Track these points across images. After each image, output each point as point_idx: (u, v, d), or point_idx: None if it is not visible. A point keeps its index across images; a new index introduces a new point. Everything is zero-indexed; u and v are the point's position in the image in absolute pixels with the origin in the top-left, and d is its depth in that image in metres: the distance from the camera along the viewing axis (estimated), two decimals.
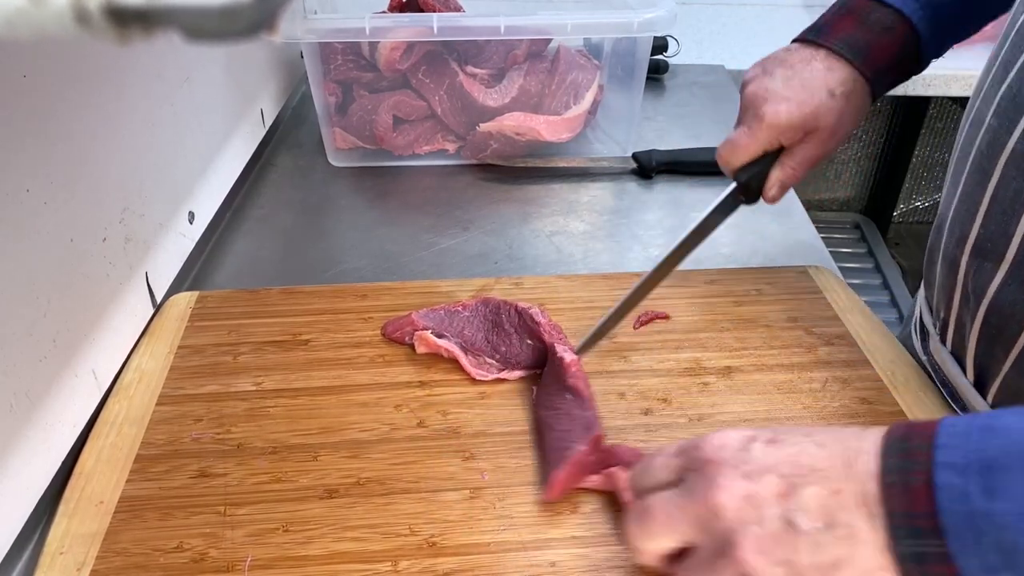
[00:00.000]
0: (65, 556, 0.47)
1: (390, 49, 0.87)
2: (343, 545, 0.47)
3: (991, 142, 0.50)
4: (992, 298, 0.51)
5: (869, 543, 0.34)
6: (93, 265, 0.58)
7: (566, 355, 0.57)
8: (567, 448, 0.50)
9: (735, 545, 0.36)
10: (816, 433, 0.39)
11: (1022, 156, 0.47)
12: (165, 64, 0.70)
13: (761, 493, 0.36)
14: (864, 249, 1.75)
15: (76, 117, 0.55)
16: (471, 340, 0.62)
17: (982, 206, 0.51)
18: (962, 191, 0.54)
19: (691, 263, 0.77)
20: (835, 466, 0.36)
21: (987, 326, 0.52)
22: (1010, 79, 0.49)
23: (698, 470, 0.38)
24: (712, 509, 0.37)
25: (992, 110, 0.51)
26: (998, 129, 0.49)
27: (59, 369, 0.53)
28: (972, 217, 0.52)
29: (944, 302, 0.58)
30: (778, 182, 0.61)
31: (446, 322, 0.63)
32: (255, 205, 0.88)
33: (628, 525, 0.40)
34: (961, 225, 0.54)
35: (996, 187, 0.49)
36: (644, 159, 0.93)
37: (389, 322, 0.64)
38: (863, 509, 0.34)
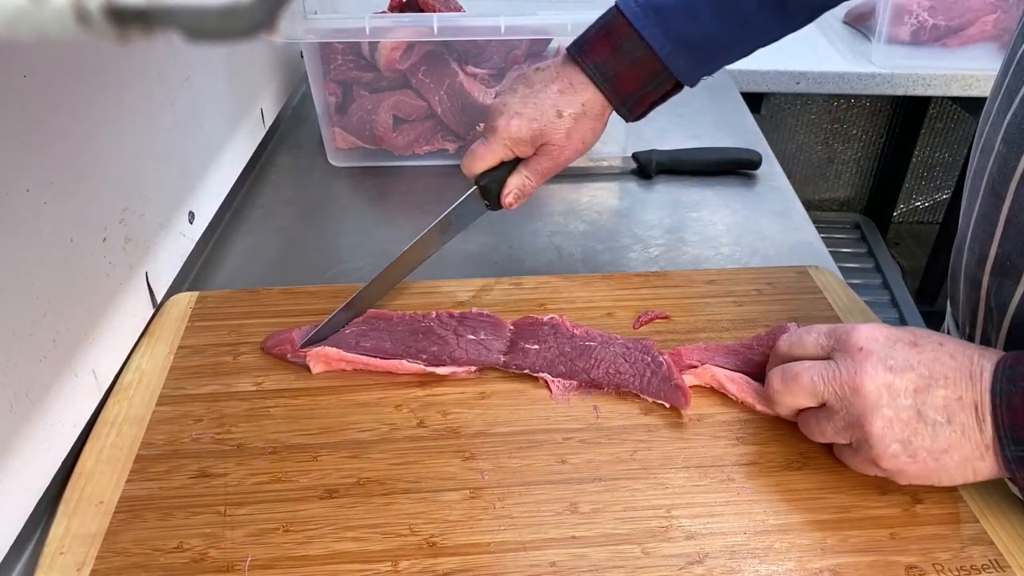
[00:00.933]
0: (65, 556, 0.47)
1: (390, 49, 0.87)
2: (343, 545, 0.47)
3: (1001, 167, 0.53)
4: (1014, 314, 0.54)
5: (976, 440, 0.44)
6: (93, 265, 0.58)
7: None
8: (659, 365, 0.58)
9: (867, 420, 0.46)
10: (947, 343, 0.47)
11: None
12: (165, 64, 0.70)
13: (899, 385, 0.45)
14: (864, 249, 1.75)
15: (76, 117, 0.55)
16: (375, 349, 0.60)
17: (998, 227, 0.54)
18: (978, 213, 0.57)
19: (691, 263, 0.77)
20: (962, 376, 0.45)
21: (1011, 341, 0.55)
22: (1015, 107, 0.52)
23: (848, 352, 0.47)
24: (855, 387, 0.46)
25: (1000, 136, 0.54)
26: (1007, 154, 0.52)
27: (59, 369, 0.53)
28: (990, 237, 0.55)
29: (969, 318, 0.61)
30: (515, 188, 0.66)
31: (334, 339, 0.61)
32: (255, 205, 0.88)
33: (773, 381, 0.51)
34: (980, 245, 0.57)
35: (1010, 209, 0.53)
36: (644, 159, 0.93)
37: (270, 336, 0.63)
38: (977, 414, 0.44)
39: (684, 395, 0.56)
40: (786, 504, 0.50)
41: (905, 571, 0.46)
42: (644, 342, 0.60)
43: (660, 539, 0.47)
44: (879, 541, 0.47)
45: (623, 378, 0.58)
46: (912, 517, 0.49)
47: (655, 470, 0.52)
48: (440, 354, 0.60)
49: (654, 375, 0.57)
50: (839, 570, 0.46)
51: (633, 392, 0.57)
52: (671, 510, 0.49)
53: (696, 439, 0.54)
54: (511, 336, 0.62)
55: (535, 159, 0.65)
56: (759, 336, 0.60)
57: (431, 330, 0.62)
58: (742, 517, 0.49)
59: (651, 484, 0.51)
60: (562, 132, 0.64)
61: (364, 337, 0.62)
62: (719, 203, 0.88)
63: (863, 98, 1.70)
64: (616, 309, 0.67)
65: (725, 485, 0.51)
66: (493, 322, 0.63)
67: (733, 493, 0.50)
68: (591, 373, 0.58)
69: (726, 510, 0.49)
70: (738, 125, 1.07)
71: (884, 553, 0.47)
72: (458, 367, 0.59)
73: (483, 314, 0.63)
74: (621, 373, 0.58)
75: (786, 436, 0.55)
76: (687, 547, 0.47)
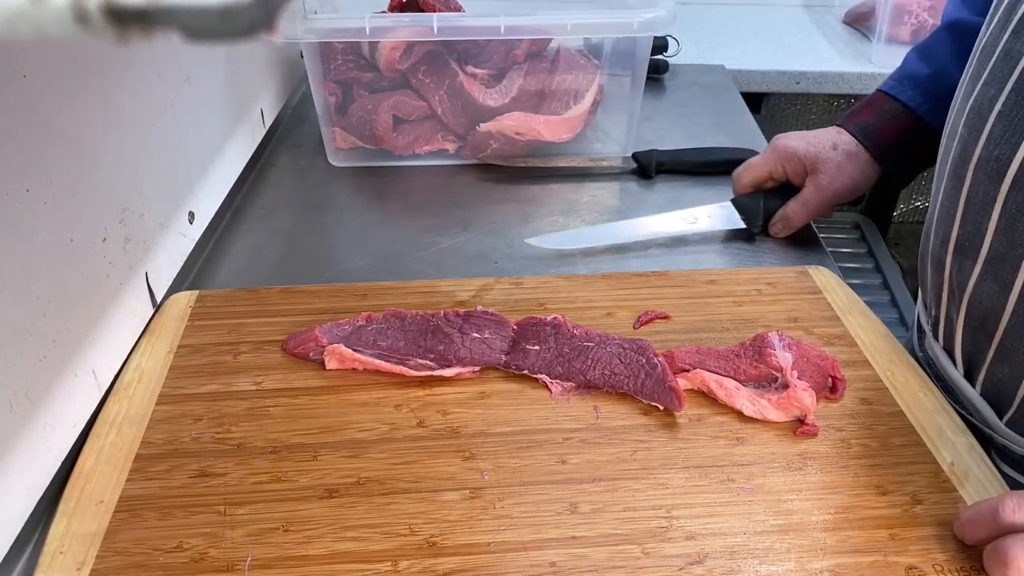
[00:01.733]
0: (65, 556, 0.47)
1: (390, 49, 0.87)
2: (343, 545, 0.47)
3: (962, 151, 0.56)
4: (971, 292, 0.57)
5: None
6: (93, 265, 0.58)
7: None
8: (653, 367, 0.58)
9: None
10: None
11: (987, 162, 0.53)
12: (165, 64, 0.70)
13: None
14: (864, 249, 1.75)
15: (76, 117, 0.55)
16: (391, 348, 0.61)
17: (959, 209, 0.56)
18: (943, 196, 0.59)
19: (691, 263, 0.77)
20: None
21: (970, 319, 0.58)
22: (976, 93, 0.55)
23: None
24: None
25: (962, 121, 0.56)
26: (967, 139, 0.55)
27: (59, 369, 0.53)
28: (952, 219, 0.57)
29: (935, 299, 0.63)
30: (782, 218, 0.78)
31: (354, 336, 0.62)
32: (255, 205, 0.88)
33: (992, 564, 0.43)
34: (944, 227, 0.59)
35: (968, 191, 0.55)
36: (644, 159, 0.93)
37: (291, 336, 0.63)
38: None
39: (678, 397, 0.56)
40: (786, 504, 0.50)
41: (905, 571, 0.46)
42: (640, 343, 0.60)
43: (660, 539, 0.47)
44: (879, 541, 0.47)
45: (618, 379, 0.58)
46: (912, 517, 0.49)
47: (655, 470, 0.52)
48: (446, 353, 0.60)
49: (648, 376, 0.57)
50: (839, 570, 0.46)
51: (628, 393, 0.57)
52: (671, 510, 0.49)
53: (696, 439, 0.54)
54: (513, 336, 0.62)
55: (804, 192, 0.75)
56: (744, 343, 0.61)
57: (439, 328, 0.62)
58: (742, 517, 0.49)
59: (651, 484, 0.51)
60: (834, 164, 0.74)
61: (381, 335, 0.62)
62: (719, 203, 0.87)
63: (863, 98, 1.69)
64: (616, 309, 0.67)
65: (725, 485, 0.51)
66: (497, 321, 0.63)
67: (733, 493, 0.50)
68: (587, 374, 0.58)
69: (726, 510, 0.49)
70: (738, 125, 1.07)
71: (884, 553, 0.47)
72: (463, 367, 0.59)
73: (488, 312, 0.63)
74: (616, 374, 0.58)
75: (786, 437, 0.55)
76: (687, 547, 0.47)
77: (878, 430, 0.55)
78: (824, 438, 0.55)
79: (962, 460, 0.53)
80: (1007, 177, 0.51)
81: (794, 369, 0.57)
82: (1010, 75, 0.51)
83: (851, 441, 0.54)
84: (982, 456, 0.53)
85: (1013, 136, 0.50)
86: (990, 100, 0.52)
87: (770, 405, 0.56)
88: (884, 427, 0.55)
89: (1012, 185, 0.51)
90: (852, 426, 0.55)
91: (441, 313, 0.64)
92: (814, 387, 0.56)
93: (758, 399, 0.56)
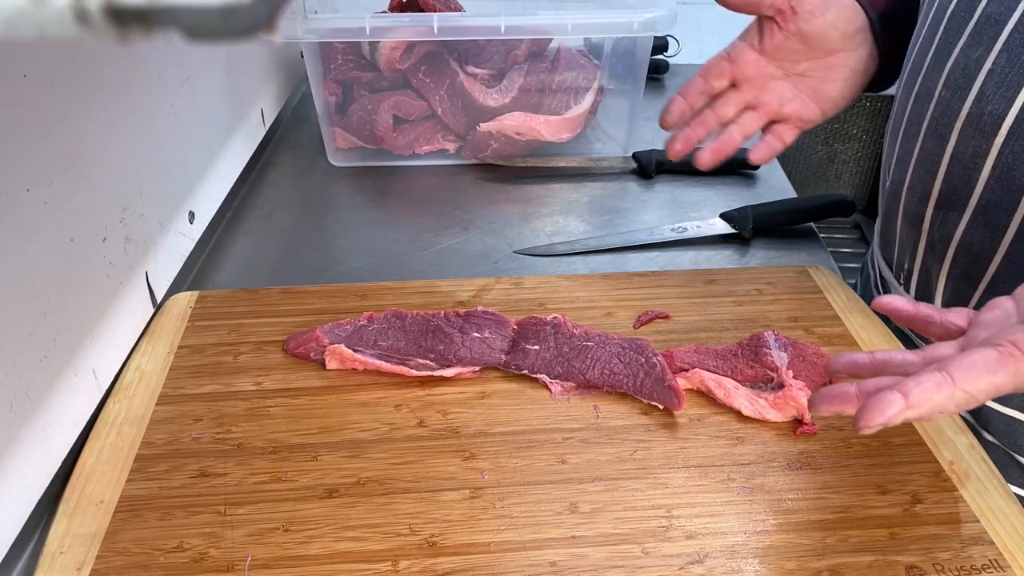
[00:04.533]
0: (65, 556, 0.47)
1: (390, 49, 0.87)
2: (343, 545, 0.47)
3: (945, 110, 0.58)
4: (959, 241, 0.59)
5: None
6: (93, 265, 0.58)
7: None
8: (652, 366, 0.57)
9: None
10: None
11: (978, 118, 0.55)
12: (165, 64, 0.70)
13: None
14: (864, 249, 1.75)
15: (76, 117, 0.55)
16: (392, 348, 0.61)
17: (942, 164, 0.59)
18: (919, 155, 0.61)
19: (691, 263, 0.77)
20: None
21: (955, 266, 0.60)
22: (955, 55, 0.57)
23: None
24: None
25: (941, 82, 0.58)
26: (950, 98, 0.57)
27: (59, 369, 0.53)
28: (933, 176, 0.60)
29: (909, 254, 0.66)
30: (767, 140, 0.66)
31: (355, 336, 0.62)
32: (255, 205, 0.88)
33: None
34: (922, 184, 0.61)
35: (955, 148, 0.57)
36: (644, 159, 0.93)
37: (292, 337, 0.63)
38: None
39: (677, 397, 0.56)
40: (786, 504, 0.50)
41: (905, 571, 0.46)
42: (639, 342, 0.60)
43: (660, 539, 0.47)
44: (879, 541, 0.47)
45: (617, 379, 0.58)
46: (912, 517, 0.49)
47: (655, 470, 0.52)
48: (447, 353, 0.60)
49: (647, 376, 0.57)
50: (839, 570, 0.46)
51: (627, 393, 0.57)
52: (671, 510, 0.49)
53: (696, 439, 0.54)
54: (513, 335, 0.62)
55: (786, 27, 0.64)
56: (741, 343, 0.61)
57: (439, 328, 0.62)
58: (742, 517, 0.49)
59: (651, 484, 0.51)
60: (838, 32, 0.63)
61: (382, 335, 0.62)
62: (719, 203, 0.88)
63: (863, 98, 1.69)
64: (616, 309, 0.67)
65: (725, 485, 0.51)
66: (497, 320, 0.63)
67: (733, 493, 0.50)
68: (587, 374, 0.58)
69: (726, 510, 0.49)
70: None
71: (884, 553, 0.47)
72: (463, 367, 0.59)
73: (488, 312, 0.63)
74: (615, 374, 0.58)
75: (786, 436, 0.55)
76: (687, 547, 0.47)
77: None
78: (824, 438, 0.55)
79: (962, 459, 0.53)
80: (1002, 129, 0.54)
81: (790, 369, 0.57)
82: (997, 36, 0.54)
83: (851, 440, 0.54)
84: (982, 456, 0.53)
85: (1008, 91, 0.53)
86: (976, 61, 0.55)
87: (768, 405, 0.56)
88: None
89: (1008, 136, 0.54)
90: (852, 425, 0.55)
91: (441, 313, 0.64)
92: (812, 387, 0.56)
93: (756, 399, 0.56)
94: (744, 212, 0.81)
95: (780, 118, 0.65)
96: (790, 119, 0.65)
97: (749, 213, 0.80)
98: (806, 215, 0.83)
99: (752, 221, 0.80)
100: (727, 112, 0.65)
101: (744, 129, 0.65)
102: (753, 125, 0.66)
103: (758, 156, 0.66)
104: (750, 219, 0.80)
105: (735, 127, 0.65)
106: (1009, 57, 0.53)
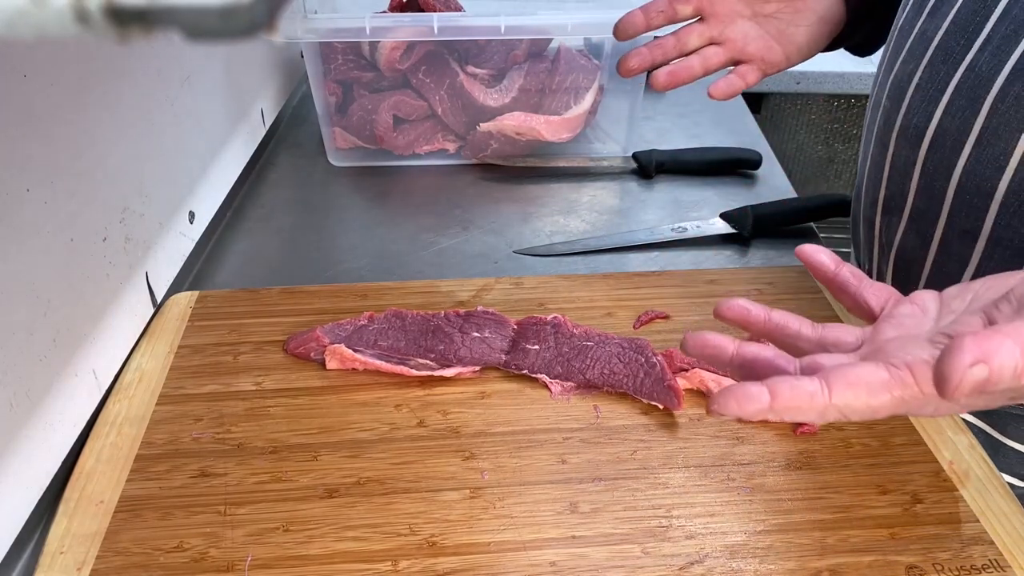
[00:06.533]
0: (65, 556, 0.47)
1: (390, 49, 0.87)
2: (343, 545, 0.47)
3: (886, 120, 0.60)
4: (897, 246, 0.61)
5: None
6: (93, 265, 0.58)
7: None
8: (652, 366, 0.57)
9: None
10: None
11: (907, 129, 0.57)
12: (165, 64, 0.70)
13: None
14: None
15: (76, 117, 0.55)
16: (392, 348, 0.61)
17: (885, 172, 0.61)
18: (870, 162, 0.63)
19: (691, 263, 0.77)
20: None
21: (897, 270, 0.62)
22: (896, 68, 0.59)
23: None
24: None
25: (886, 93, 0.60)
26: (890, 109, 0.59)
27: (59, 369, 0.53)
28: (879, 182, 0.62)
29: (867, 256, 0.67)
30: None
31: (355, 336, 0.61)
32: (255, 205, 0.88)
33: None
34: (873, 189, 0.63)
35: (892, 156, 0.59)
36: (644, 159, 0.93)
37: (292, 337, 0.63)
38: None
39: (677, 396, 0.56)
40: (786, 504, 0.50)
41: (905, 571, 0.46)
42: (639, 342, 0.60)
43: (660, 539, 0.47)
44: (879, 541, 0.47)
45: (617, 379, 0.58)
46: (912, 517, 0.49)
47: (655, 470, 0.52)
48: (447, 352, 0.60)
49: (647, 376, 0.57)
50: (839, 570, 0.46)
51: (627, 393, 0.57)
52: (671, 510, 0.49)
53: (696, 439, 0.54)
54: (513, 335, 0.62)
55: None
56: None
57: (439, 328, 0.62)
58: (742, 517, 0.49)
59: (651, 484, 0.51)
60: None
61: (382, 335, 0.62)
62: (719, 203, 0.88)
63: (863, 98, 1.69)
64: (616, 309, 0.67)
65: (725, 485, 0.51)
66: (497, 320, 0.63)
67: (733, 493, 0.50)
68: (586, 374, 0.58)
69: (726, 510, 0.49)
70: (738, 125, 1.07)
71: (884, 553, 0.47)
72: (463, 367, 0.59)
73: (488, 312, 0.63)
74: (615, 373, 0.58)
75: (786, 436, 0.55)
76: (687, 547, 0.47)
77: (878, 429, 0.55)
78: (824, 437, 0.55)
79: (962, 459, 0.53)
80: (924, 141, 0.56)
81: None
82: (925, 52, 0.56)
83: (851, 440, 0.54)
84: (982, 455, 0.53)
85: (929, 105, 0.55)
86: (908, 75, 0.57)
87: None
88: (884, 426, 0.55)
89: (929, 147, 0.55)
90: (852, 425, 0.55)
91: (442, 313, 0.64)
92: None
93: None
94: (744, 212, 0.81)
95: (744, 57, 0.64)
96: (753, 59, 0.64)
97: (749, 213, 0.81)
98: (806, 215, 0.83)
99: (752, 221, 0.80)
100: (690, 41, 0.64)
101: (706, 62, 0.64)
102: (715, 59, 0.64)
103: (718, 91, 0.65)
104: (750, 219, 0.80)
105: (696, 57, 0.64)
106: (932, 72, 0.55)
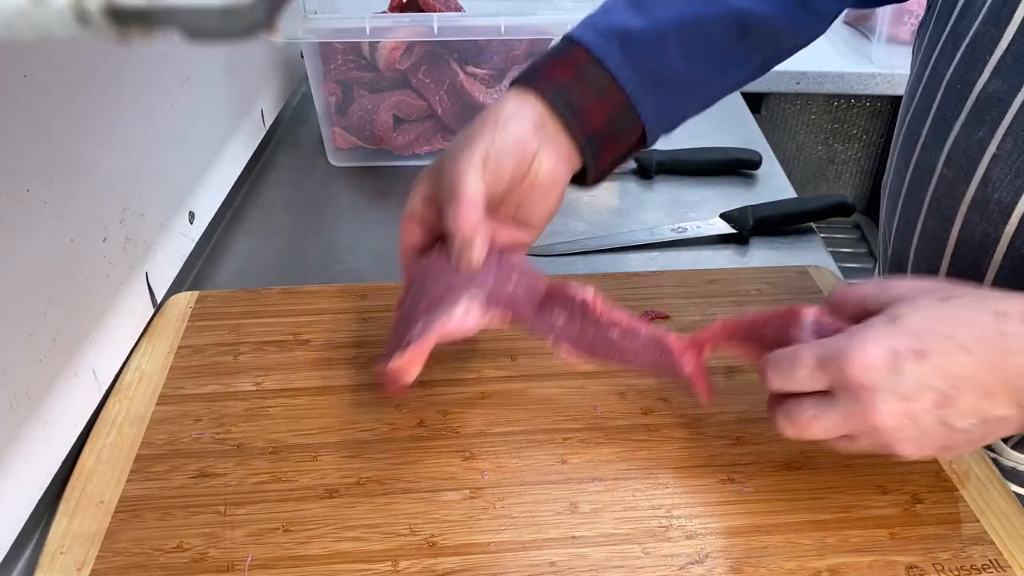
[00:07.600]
0: (65, 556, 0.47)
1: (390, 49, 0.87)
2: (343, 545, 0.47)
3: (947, 191, 0.56)
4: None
5: (1015, 420, 0.41)
6: (93, 265, 0.58)
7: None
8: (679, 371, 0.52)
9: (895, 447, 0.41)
10: (957, 332, 0.40)
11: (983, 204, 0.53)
12: (165, 64, 0.70)
13: (918, 409, 0.40)
14: (864, 249, 1.75)
15: (76, 117, 0.55)
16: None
17: (948, 247, 0.57)
18: (922, 232, 0.60)
19: (690, 263, 0.77)
20: (985, 372, 0.40)
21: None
22: (955, 132, 0.54)
23: (851, 392, 0.40)
24: (873, 426, 0.41)
25: (943, 160, 0.56)
26: (953, 180, 0.55)
27: (59, 369, 0.53)
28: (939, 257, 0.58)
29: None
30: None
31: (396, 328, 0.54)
32: (255, 205, 0.88)
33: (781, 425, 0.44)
34: (929, 263, 0.60)
35: (960, 231, 0.55)
36: (644, 159, 0.93)
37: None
38: (1013, 402, 0.40)
39: (705, 394, 0.52)
40: (786, 504, 0.50)
41: (905, 571, 0.46)
42: (665, 341, 0.53)
43: (660, 539, 0.47)
44: (879, 541, 0.47)
45: (641, 368, 0.54)
46: (912, 517, 0.49)
47: (655, 470, 0.52)
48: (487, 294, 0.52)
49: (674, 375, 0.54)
50: (839, 570, 0.46)
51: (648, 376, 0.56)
52: (671, 510, 0.49)
53: (696, 439, 0.54)
54: (543, 300, 0.55)
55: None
56: (775, 313, 0.52)
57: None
58: (742, 517, 0.49)
59: (651, 484, 0.51)
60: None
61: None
62: (719, 203, 0.88)
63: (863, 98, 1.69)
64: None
65: (725, 485, 0.51)
66: (529, 273, 0.55)
67: (733, 493, 0.50)
68: (608, 360, 0.54)
69: (726, 510, 0.49)
70: (738, 125, 1.07)
71: (884, 553, 0.47)
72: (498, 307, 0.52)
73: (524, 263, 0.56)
74: (640, 362, 0.53)
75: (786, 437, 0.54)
76: (687, 547, 0.47)
77: None
78: None
79: (962, 459, 0.53)
80: (1012, 217, 0.52)
81: None
82: (1001, 118, 0.51)
83: None
84: (982, 455, 0.53)
85: (1016, 179, 0.51)
86: (979, 143, 0.52)
87: None
88: None
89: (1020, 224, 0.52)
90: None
91: None
92: None
93: None
94: (744, 212, 0.81)
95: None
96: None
97: (749, 213, 0.81)
98: (806, 215, 0.83)
99: (752, 221, 0.80)
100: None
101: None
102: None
103: None
104: (750, 219, 0.80)
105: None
106: (1015, 143, 0.50)
